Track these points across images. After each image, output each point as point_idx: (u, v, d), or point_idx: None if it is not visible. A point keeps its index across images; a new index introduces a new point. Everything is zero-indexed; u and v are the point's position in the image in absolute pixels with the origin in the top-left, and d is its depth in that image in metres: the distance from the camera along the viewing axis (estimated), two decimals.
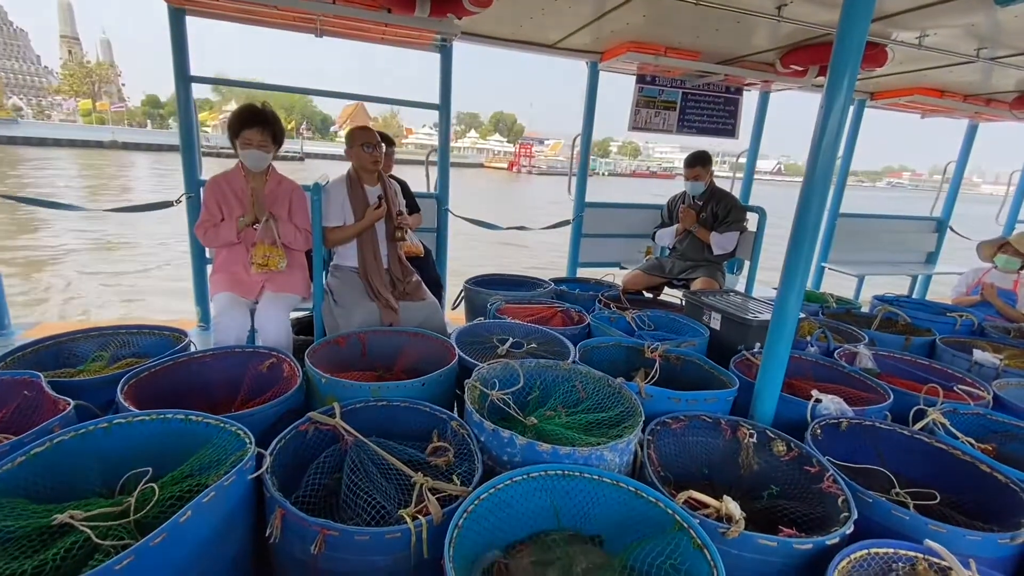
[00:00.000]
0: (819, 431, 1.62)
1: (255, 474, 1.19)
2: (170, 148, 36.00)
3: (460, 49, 3.17)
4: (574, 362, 1.90)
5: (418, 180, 3.52)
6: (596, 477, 1.25)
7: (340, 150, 2.81)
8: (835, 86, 1.47)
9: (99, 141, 38.87)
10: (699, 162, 3.33)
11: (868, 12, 1.44)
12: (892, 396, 1.85)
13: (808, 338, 2.42)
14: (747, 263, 3.49)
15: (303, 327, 2.79)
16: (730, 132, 4.05)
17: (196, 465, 1.21)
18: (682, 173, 3.48)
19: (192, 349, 1.89)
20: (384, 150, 2.56)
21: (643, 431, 1.53)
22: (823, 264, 4.70)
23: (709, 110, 3.96)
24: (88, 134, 44.33)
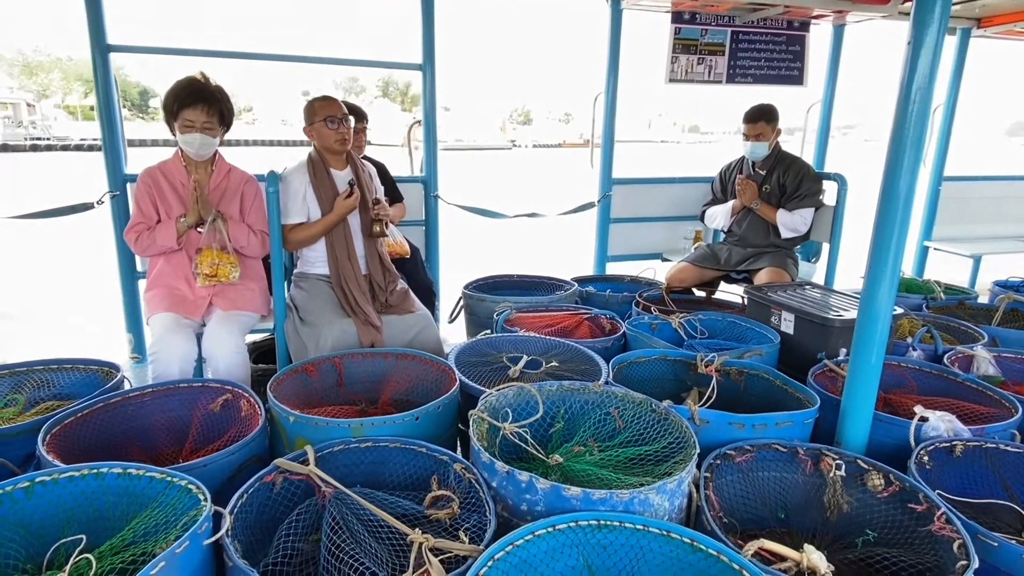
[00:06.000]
0: (926, 458, 1.62)
1: (213, 538, 1.22)
2: None
3: None
4: (607, 383, 1.91)
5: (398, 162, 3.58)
6: (640, 527, 1.26)
7: (164, 132, 2.69)
8: (926, 12, 1.48)
9: None
10: (763, 116, 3.32)
11: None
12: (1021, 409, 1.84)
13: (909, 340, 2.42)
14: (826, 247, 3.47)
15: (263, 353, 2.84)
16: (796, 79, 4.05)
17: (140, 529, 1.25)
18: (628, 140, 3.45)
19: (126, 387, 1.94)
20: (353, 124, 2.60)
21: (699, 467, 1.54)
22: (926, 243, 4.66)
23: (767, 52, 3.96)
24: None
